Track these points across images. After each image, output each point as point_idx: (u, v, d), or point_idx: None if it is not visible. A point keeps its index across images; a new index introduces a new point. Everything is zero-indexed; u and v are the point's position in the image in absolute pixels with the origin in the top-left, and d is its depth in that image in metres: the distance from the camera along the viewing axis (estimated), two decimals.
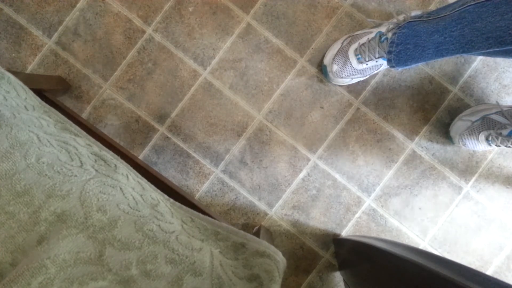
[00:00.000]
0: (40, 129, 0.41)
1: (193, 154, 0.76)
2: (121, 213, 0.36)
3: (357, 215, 0.76)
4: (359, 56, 0.67)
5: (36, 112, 0.46)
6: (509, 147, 0.64)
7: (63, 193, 0.35)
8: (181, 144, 0.76)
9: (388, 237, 0.76)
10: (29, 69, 0.75)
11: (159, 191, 0.47)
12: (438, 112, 0.75)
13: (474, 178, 0.75)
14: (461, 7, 0.50)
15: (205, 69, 0.75)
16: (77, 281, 0.32)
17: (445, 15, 0.53)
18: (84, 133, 0.47)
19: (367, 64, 0.68)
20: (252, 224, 0.76)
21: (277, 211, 0.76)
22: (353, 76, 0.70)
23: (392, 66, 0.63)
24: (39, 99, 0.49)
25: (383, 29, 0.66)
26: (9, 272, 0.31)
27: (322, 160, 0.75)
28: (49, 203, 0.34)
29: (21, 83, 0.47)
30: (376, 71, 0.70)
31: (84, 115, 0.76)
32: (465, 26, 0.49)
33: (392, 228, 0.76)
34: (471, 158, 0.75)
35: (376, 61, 0.66)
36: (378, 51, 0.65)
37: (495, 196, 0.75)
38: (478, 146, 0.69)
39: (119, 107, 0.76)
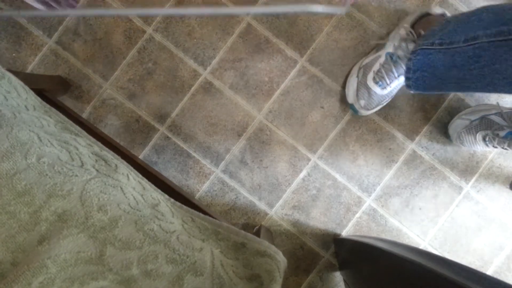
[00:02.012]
0: (41, 129, 0.41)
1: (194, 154, 0.76)
2: (122, 213, 0.36)
3: (357, 215, 0.76)
4: (380, 82, 0.66)
5: (36, 112, 0.46)
6: (506, 149, 0.64)
7: (63, 193, 0.35)
8: (182, 144, 0.76)
9: (388, 237, 0.76)
10: (30, 69, 0.75)
11: (159, 191, 0.47)
12: (439, 112, 0.75)
13: (474, 178, 0.75)
14: (474, 42, 0.47)
15: (205, 69, 0.75)
16: (78, 281, 0.32)
17: (457, 47, 0.50)
18: (85, 133, 0.47)
19: (390, 87, 0.67)
20: (252, 224, 0.76)
21: (277, 211, 0.76)
22: (383, 102, 0.70)
23: (411, 90, 0.62)
24: (40, 99, 0.49)
25: (389, 49, 0.65)
26: (10, 272, 0.31)
27: (323, 160, 0.76)
28: (49, 203, 0.34)
29: (21, 83, 0.47)
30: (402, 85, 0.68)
31: (84, 115, 0.76)
32: (484, 66, 0.46)
33: (392, 228, 0.76)
34: (472, 158, 0.75)
35: (399, 79, 0.65)
36: (396, 71, 0.64)
37: (495, 196, 0.75)
38: (476, 145, 0.69)
39: (119, 107, 0.76)
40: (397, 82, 0.66)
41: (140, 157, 0.76)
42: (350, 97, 0.72)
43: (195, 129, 0.76)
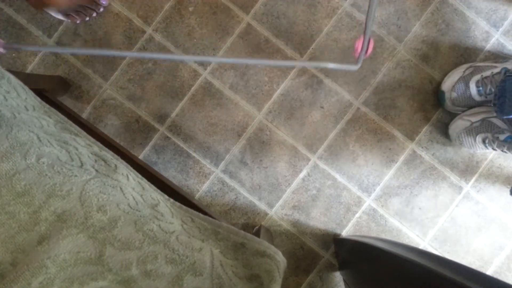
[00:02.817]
0: (40, 129, 0.41)
1: (193, 154, 0.76)
2: (121, 213, 0.36)
3: (357, 215, 0.76)
4: (480, 88, 0.66)
5: (36, 112, 0.46)
6: (505, 152, 0.63)
7: (63, 193, 0.35)
8: (181, 144, 0.76)
9: (388, 237, 0.76)
10: (29, 69, 0.75)
11: (159, 191, 0.47)
12: (439, 112, 0.75)
13: (474, 178, 0.75)
14: None
15: (205, 69, 0.75)
16: (77, 281, 0.32)
17: None
18: (84, 133, 0.47)
19: (486, 97, 0.66)
20: (252, 224, 0.76)
21: (277, 211, 0.76)
22: (469, 107, 0.69)
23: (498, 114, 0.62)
24: (39, 99, 0.49)
25: (509, 65, 0.64)
26: (10, 272, 0.31)
27: (322, 160, 0.75)
28: (49, 203, 0.34)
29: (21, 83, 0.47)
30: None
31: (84, 115, 0.76)
32: None
33: (392, 228, 0.76)
34: (472, 158, 0.75)
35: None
36: (501, 85, 0.62)
37: (495, 196, 0.75)
38: (475, 147, 0.69)
39: (119, 107, 0.76)
40: (491, 98, 0.65)
41: (140, 157, 0.76)
42: (446, 85, 0.71)
43: (195, 129, 0.76)
